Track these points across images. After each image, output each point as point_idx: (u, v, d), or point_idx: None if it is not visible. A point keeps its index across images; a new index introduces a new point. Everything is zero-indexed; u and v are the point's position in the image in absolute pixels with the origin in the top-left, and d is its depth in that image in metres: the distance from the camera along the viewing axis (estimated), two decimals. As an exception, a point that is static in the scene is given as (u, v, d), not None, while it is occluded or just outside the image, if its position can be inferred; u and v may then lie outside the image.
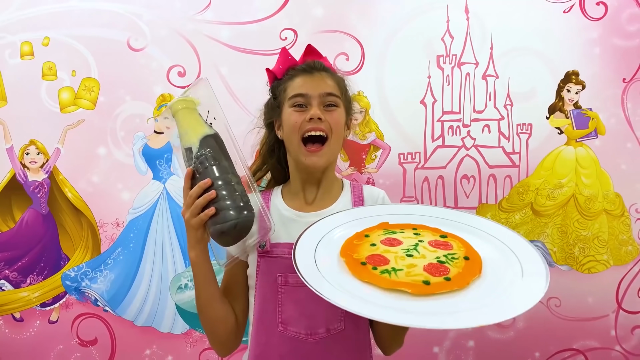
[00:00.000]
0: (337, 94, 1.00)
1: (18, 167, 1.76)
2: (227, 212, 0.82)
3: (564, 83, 1.78)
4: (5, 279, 1.77)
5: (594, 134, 1.79)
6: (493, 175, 1.79)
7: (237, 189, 0.85)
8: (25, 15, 1.75)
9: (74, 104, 1.76)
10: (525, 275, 0.75)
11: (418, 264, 0.75)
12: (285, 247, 0.93)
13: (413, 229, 0.86)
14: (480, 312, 0.68)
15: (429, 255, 0.78)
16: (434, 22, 1.76)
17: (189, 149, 0.88)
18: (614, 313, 1.81)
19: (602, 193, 1.80)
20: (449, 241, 0.83)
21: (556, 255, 1.80)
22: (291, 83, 0.99)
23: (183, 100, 0.91)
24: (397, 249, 0.80)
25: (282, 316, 0.92)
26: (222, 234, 0.83)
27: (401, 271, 0.74)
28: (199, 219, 0.83)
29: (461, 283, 0.72)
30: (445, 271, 0.74)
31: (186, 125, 0.90)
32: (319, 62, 1.03)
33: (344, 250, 0.81)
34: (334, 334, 0.91)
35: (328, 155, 0.97)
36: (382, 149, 1.79)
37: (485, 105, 1.78)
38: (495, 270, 0.77)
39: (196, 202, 0.83)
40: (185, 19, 1.75)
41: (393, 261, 0.77)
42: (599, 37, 1.77)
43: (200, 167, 0.86)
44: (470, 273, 0.74)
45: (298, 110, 0.96)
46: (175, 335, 1.79)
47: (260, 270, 0.95)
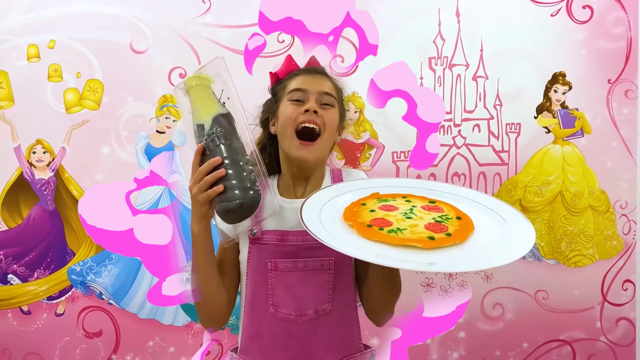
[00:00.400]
0: (334, 96, 1.04)
1: (25, 165, 1.82)
2: (234, 190, 0.83)
3: (552, 84, 1.84)
4: (14, 273, 1.84)
5: (580, 133, 1.86)
6: (483, 172, 1.85)
7: (246, 169, 0.86)
8: (31, 19, 1.80)
9: (78, 105, 1.82)
10: (512, 228, 0.82)
11: (419, 224, 0.81)
12: (275, 234, 0.97)
13: (403, 197, 0.92)
14: (486, 258, 0.76)
15: (426, 217, 0.84)
16: (426, 25, 1.82)
17: (200, 125, 0.89)
18: (599, 305, 1.87)
19: (588, 190, 1.86)
20: (439, 205, 0.89)
21: (544, 250, 1.87)
22: (292, 80, 1.03)
23: (197, 76, 0.90)
24: (395, 213, 0.85)
25: (273, 299, 0.96)
26: (228, 212, 0.84)
27: (406, 230, 0.80)
28: (206, 195, 0.85)
29: (462, 237, 0.79)
30: (444, 228, 0.80)
31: (199, 102, 0.90)
32: (321, 67, 1.08)
33: (346, 215, 0.85)
34: (322, 315, 0.96)
35: (318, 152, 0.99)
36: (376, 148, 1.85)
37: (475, 106, 1.84)
38: (485, 227, 0.84)
39: (205, 179, 0.85)
40: (186, 21, 1.81)
41: (396, 223, 0.82)
42: (585, 39, 1.83)
43: (211, 144, 0.86)
44: (466, 229, 0.81)
45: (295, 103, 0.99)
46: (177, 327, 1.85)
47: (251, 256, 0.99)
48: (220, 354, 1.85)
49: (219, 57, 0.93)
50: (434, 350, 1.87)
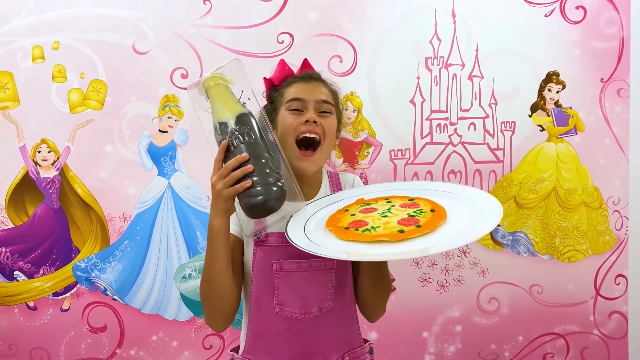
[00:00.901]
0: (332, 103, 1.05)
1: (30, 164, 1.86)
2: (259, 187, 0.85)
3: (546, 83, 1.88)
4: (20, 270, 1.87)
5: (573, 131, 1.89)
6: (478, 170, 1.89)
7: (271, 166, 0.88)
8: (35, 21, 1.83)
9: (82, 105, 1.86)
10: (482, 213, 0.86)
11: (392, 221, 0.87)
12: (280, 236, 0.99)
13: (385, 199, 0.98)
14: (450, 242, 0.80)
15: (401, 213, 0.89)
16: (423, 26, 1.85)
17: (223, 123, 0.90)
18: (592, 299, 1.91)
19: (582, 187, 1.90)
20: (417, 202, 0.94)
21: (538, 245, 1.91)
22: (289, 89, 1.04)
23: (216, 76, 0.92)
24: (373, 214, 0.91)
25: (279, 298, 0.99)
26: (252, 207, 0.86)
27: (379, 227, 0.85)
28: (233, 190, 0.86)
29: (430, 227, 0.83)
30: (416, 221, 0.85)
31: (221, 100, 0.91)
32: (316, 72, 1.10)
33: (328, 222, 0.92)
34: (325, 312, 1.00)
35: (319, 162, 1.03)
36: (374, 146, 1.89)
37: (471, 105, 1.88)
38: (459, 215, 0.88)
39: (232, 174, 0.86)
40: (187, 23, 1.84)
41: (371, 222, 0.88)
42: (578, 39, 1.87)
43: (235, 141, 0.88)
44: (437, 219, 0.86)
45: (294, 113, 1.01)
46: (180, 322, 1.89)
47: (256, 257, 1.01)
48: (222, 347, 1.89)
49: (236, 60, 0.95)
50: (431, 344, 1.91)
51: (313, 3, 1.84)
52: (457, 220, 0.86)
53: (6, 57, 1.83)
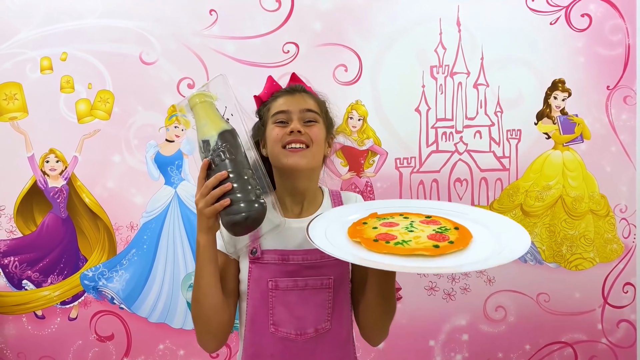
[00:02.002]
0: (317, 111, 1.05)
1: (39, 174, 1.88)
2: (240, 204, 0.85)
3: (551, 90, 1.88)
4: (28, 279, 1.89)
5: (579, 138, 1.89)
6: (485, 178, 1.89)
7: (251, 182, 0.88)
8: (44, 32, 1.85)
9: (90, 115, 1.87)
10: (506, 233, 0.88)
11: (421, 235, 0.86)
12: (275, 253, 0.99)
13: (400, 214, 0.97)
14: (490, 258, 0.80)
15: (426, 229, 0.89)
16: (427, 34, 1.86)
17: (206, 141, 0.91)
18: (600, 308, 1.90)
19: (588, 194, 1.89)
20: (435, 219, 0.94)
21: (545, 254, 1.90)
22: (274, 103, 1.06)
23: (202, 94, 0.93)
24: (397, 228, 0.90)
25: (274, 318, 0.98)
26: (234, 225, 0.87)
27: (410, 242, 0.84)
28: (213, 209, 0.86)
29: (463, 243, 0.84)
30: (446, 238, 0.85)
31: (205, 118, 0.92)
32: (300, 85, 1.10)
33: (351, 233, 0.89)
34: (321, 333, 0.98)
35: (309, 158, 1.00)
36: (379, 154, 1.89)
37: (476, 113, 1.88)
38: (481, 235, 0.89)
39: (212, 193, 0.86)
40: (193, 34, 1.86)
41: (400, 236, 0.86)
42: (583, 46, 1.86)
43: (217, 159, 0.89)
44: (466, 237, 0.86)
45: (280, 125, 1.02)
46: (187, 330, 1.90)
47: (251, 275, 1.00)
48: (229, 356, 1.90)
49: (220, 75, 0.96)
50: (437, 352, 1.90)
51: (318, 13, 1.85)
52: (483, 239, 0.88)
53: (15, 68, 1.86)
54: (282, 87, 1.10)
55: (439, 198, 1.88)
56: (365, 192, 1.89)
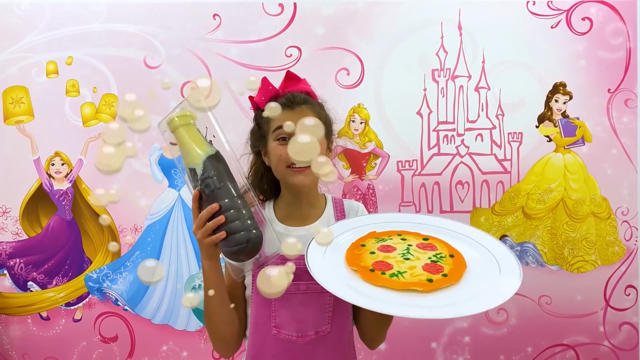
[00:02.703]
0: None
1: (44, 177, 1.90)
2: (237, 235, 0.86)
3: (552, 94, 1.89)
4: (33, 280, 1.90)
5: (581, 141, 1.89)
6: (486, 181, 1.89)
7: (244, 210, 0.87)
8: (50, 37, 1.88)
9: (95, 118, 1.89)
10: (502, 266, 0.88)
11: (417, 265, 0.87)
12: (279, 258, 0.98)
13: (398, 234, 0.97)
14: (478, 300, 0.80)
15: (422, 256, 0.90)
16: (429, 38, 1.87)
17: (192, 169, 0.89)
18: (602, 310, 1.90)
19: (590, 197, 1.90)
20: (432, 242, 0.95)
21: (547, 256, 1.90)
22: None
23: (182, 115, 0.89)
24: (394, 254, 0.90)
25: (276, 320, 1.00)
26: (234, 254, 0.88)
27: (405, 273, 0.85)
28: (210, 240, 0.88)
29: (456, 277, 0.84)
30: (440, 269, 0.86)
31: (187, 144, 0.88)
32: (299, 95, 1.05)
33: (349, 259, 0.90)
34: (322, 335, 1.00)
35: (313, 176, 0.98)
36: (381, 157, 1.90)
37: (478, 116, 1.89)
38: (477, 264, 0.89)
39: (207, 226, 0.87)
40: (197, 38, 1.87)
41: (395, 265, 0.87)
42: (585, 50, 1.87)
43: (206, 190, 0.88)
44: (459, 268, 0.87)
45: (282, 143, 1.00)
46: (190, 332, 1.91)
47: (255, 280, 1.00)
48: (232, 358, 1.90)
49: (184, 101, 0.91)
50: (439, 355, 1.91)
51: (320, 17, 1.86)
52: (476, 268, 0.88)
53: (21, 72, 1.88)
54: (278, 91, 1.07)
55: (441, 201, 1.89)
56: (367, 194, 1.90)
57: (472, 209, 1.89)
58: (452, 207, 1.89)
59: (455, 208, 1.89)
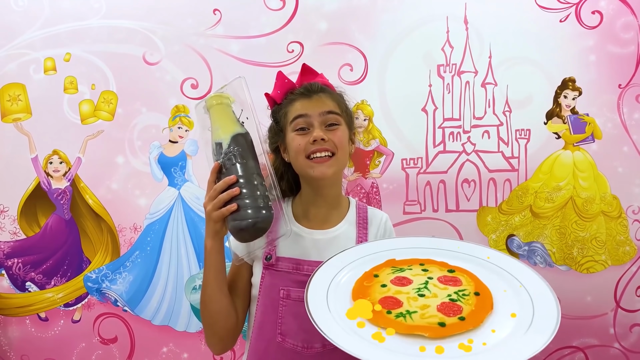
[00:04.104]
0: (338, 112, 1.00)
1: (42, 175, 1.87)
2: (247, 210, 0.84)
3: (561, 89, 1.84)
4: (31, 280, 1.88)
5: (590, 138, 1.85)
6: (493, 179, 1.85)
7: (260, 189, 0.87)
8: (47, 33, 1.85)
9: (93, 116, 1.86)
10: (536, 313, 0.75)
11: (431, 304, 0.75)
12: (290, 262, 0.96)
13: (420, 264, 0.86)
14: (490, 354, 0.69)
15: (440, 293, 0.77)
16: (434, 33, 1.82)
17: (219, 143, 0.89)
18: (612, 311, 1.85)
19: (600, 195, 1.85)
20: (458, 276, 0.82)
21: (555, 256, 1.86)
22: (291, 107, 1.00)
23: (219, 95, 0.92)
24: (408, 289, 0.79)
25: (282, 328, 0.94)
26: (240, 231, 0.85)
27: (415, 313, 0.74)
28: (220, 213, 0.85)
29: (475, 322, 0.72)
30: (458, 310, 0.74)
31: (219, 120, 0.91)
32: (316, 84, 1.03)
33: (355, 293, 0.80)
34: (329, 349, 0.92)
35: (336, 167, 0.97)
36: (385, 155, 1.86)
37: (484, 112, 1.84)
38: (507, 306, 0.76)
39: (219, 197, 0.85)
40: (197, 34, 1.84)
41: (406, 303, 0.76)
42: (594, 44, 1.82)
43: (227, 163, 0.87)
44: (482, 310, 0.74)
45: (301, 133, 0.97)
46: (191, 333, 1.88)
47: (264, 281, 0.97)
48: (232, 358, 1.87)
49: (240, 77, 0.94)
50: (445, 357, 1.86)
51: (322, 12, 1.82)
52: (503, 311, 0.75)
53: (19, 69, 1.85)
54: (294, 84, 1.04)
55: (446, 200, 1.85)
56: (371, 193, 1.86)
57: (478, 208, 1.85)
58: (458, 206, 1.85)
59: (461, 207, 1.85)
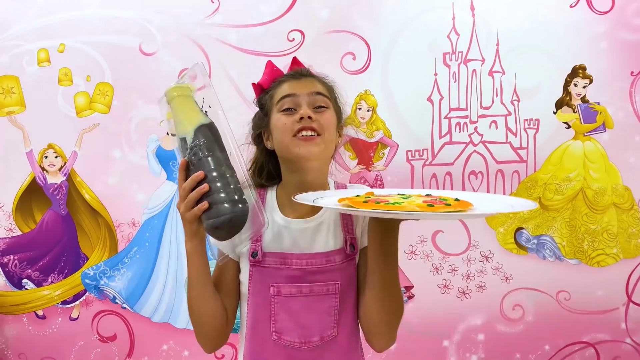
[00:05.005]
0: (327, 95, 0.95)
1: (37, 170, 1.82)
2: (220, 206, 0.79)
3: (571, 77, 1.78)
4: (28, 278, 1.84)
5: (602, 127, 1.80)
6: (501, 170, 1.80)
7: (231, 181, 0.82)
8: (41, 24, 1.80)
9: (89, 108, 1.81)
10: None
11: (417, 200, 0.78)
12: (277, 256, 0.92)
13: (399, 194, 0.87)
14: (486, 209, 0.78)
15: (423, 199, 0.80)
16: (440, 20, 1.77)
17: (183, 139, 0.84)
18: (624, 306, 1.81)
19: (611, 187, 1.80)
20: (435, 196, 0.85)
21: (565, 250, 1.81)
22: (278, 89, 0.95)
23: (179, 87, 0.87)
24: (391, 196, 0.82)
25: (276, 325, 0.91)
26: (216, 229, 0.80)
27: (403, 204, 0.75)
28: (192, 213, 0.80)
29: (461, 207, 0.75)
30: (443, 202, 0.77)
31: (181, 113, 0.85)
32: (306, 68, 0.99)
33: (341, 200, 0.80)
34: (327, 341, 0.91)
35: (322, 146, 0.92)
36: (389, 147, 1.81)
37: (492, 102, 1.79)
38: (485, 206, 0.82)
39: (189, 196, 0.80)
40: (195, 23, 1.79)
41: (392, 200, 0.78)
42: (605, 31, 1.77)
43: (194, 158, 0.82)
44: (465, 204, 0.77)
45: (287, 113, 0.92)
46: (191, 330, 1.81)
47: (252, 279, 0.93)
48: (234, 357, 1.84)
49: (197, 64, 0.89)
50: (452, 353, 1.82)
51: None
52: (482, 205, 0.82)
53: (12, 61, 1.81)
54: (283, 73, 1.01)
55: (453, 192, 1.80)
56: (375, 186, 1.81)
57: (486, 201, 1.80)
58: (464, 199, 1.80)
59: (468, 199, 1.80)
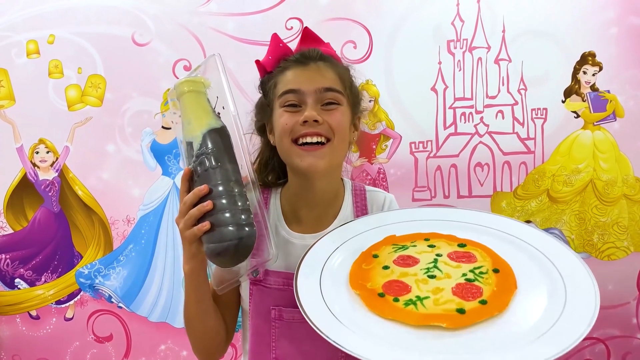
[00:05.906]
0: (339, 89, 0.84)
1: (28, 166, 1.77)
2: (224, 229, 0.68)
3: (580, 65, 1.73)
4: (21, 277, 1.79)
5: (612, 116, 1.74)
6: (508, 162, 1.75)
7: (240, 200, 0.71)
8: (30, 14, 1.74)
9: (81, 102, 1.75)
10: (567, 285, 0.65)
11: (445, 287, 0.65)
12: (280, 276, 0.82)
13: (425, 239, 0.76)
14: (534, 346, 0.58)
15: (454, 273, 0.68)
16: (444, 6, 1.72)
17: (190, 143, 0.74)
18: (635, 300, 1.77)
19: (622, 178, 1.75)
20: (470, 251, 0.73)
21: (574, 243, 1.76)
22: (282, 77, 0.84)
23: (191, 80, 0.76)
24: (415, 269, 0.70)
25: (277, 352, 0.82)
26: (218, 255, 0.69)
27: (427, 299, 0.64)
28: (192, 233, 0.70)
29: (500, 306, 0.62)
30: (477, 292, 0.64)
31: (190, 113, 0.75)
32: (315, 50, 0.86)
33: (354, 279, 0.69)
34: None
35: (330, 157, 0.81)
36: (392, 139, 1.76)
37: (498, 91, 1.74)
38: (530, 280, 0.66)
39: (190, 212, 0.70)
40: (190, 12, 1.73)
41: (415, 287, 0.66)
42: (616, 16, 1.71)
43: (199, 168, 0.72)
44: (505, 290, 0.64)
45: (290, 110, 0.81)
46: (190, 330, 1.80)
47: (253, 299, 0.85)
48: (234, 357, 1.79)
49: (214, 55, 0.78)
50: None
51: (324, -15, 1.71)
52: (529, 291, 0.65)
53: (0, 53, 1.75)
54: (290, 49, 0.88)
55: (458, 185, 1.75)
56: (378, 179, 1.76)
57: (492, 193, 1.75)
58: (470, 192, 1.75)
59: (474, 192, 1.75)
